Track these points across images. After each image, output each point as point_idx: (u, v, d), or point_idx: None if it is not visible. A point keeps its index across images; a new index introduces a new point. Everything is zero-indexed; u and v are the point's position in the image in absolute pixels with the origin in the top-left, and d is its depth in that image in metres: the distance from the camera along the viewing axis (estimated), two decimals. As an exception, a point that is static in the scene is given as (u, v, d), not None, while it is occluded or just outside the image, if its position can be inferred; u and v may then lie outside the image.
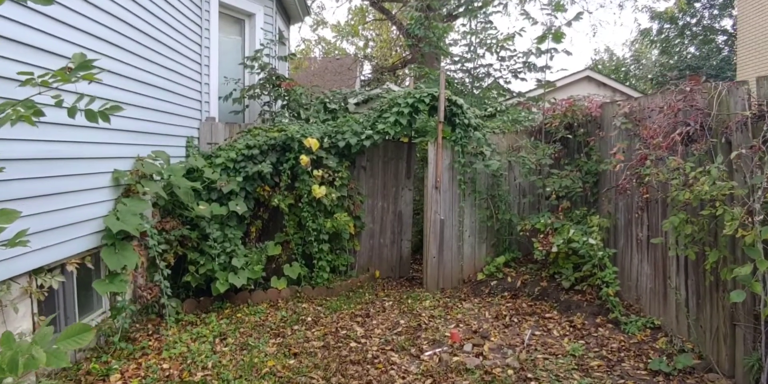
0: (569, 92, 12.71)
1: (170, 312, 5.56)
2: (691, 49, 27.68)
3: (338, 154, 6.75)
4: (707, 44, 26.13)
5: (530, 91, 10.11)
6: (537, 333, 5.25)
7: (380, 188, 7.45)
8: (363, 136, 6.53)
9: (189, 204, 5.74)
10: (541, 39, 6.54)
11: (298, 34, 49.97)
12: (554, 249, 5.87)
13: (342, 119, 7.02)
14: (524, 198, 7.11)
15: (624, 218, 5.79)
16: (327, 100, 7.84)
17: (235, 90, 7.82)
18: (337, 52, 23.76)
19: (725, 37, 25.89)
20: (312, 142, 6.26)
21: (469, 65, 9.79)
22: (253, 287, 6.35)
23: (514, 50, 9.64)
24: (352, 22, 21.28)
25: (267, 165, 6.25)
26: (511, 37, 9.47)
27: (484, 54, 9.72)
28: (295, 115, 7.73)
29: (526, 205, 7.20)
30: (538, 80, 6.48)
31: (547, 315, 5.73)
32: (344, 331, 5.32)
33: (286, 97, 7.75)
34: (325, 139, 6.60)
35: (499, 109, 8.37)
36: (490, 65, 9.66)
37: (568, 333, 5.26)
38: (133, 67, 5.38)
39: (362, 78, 21.51)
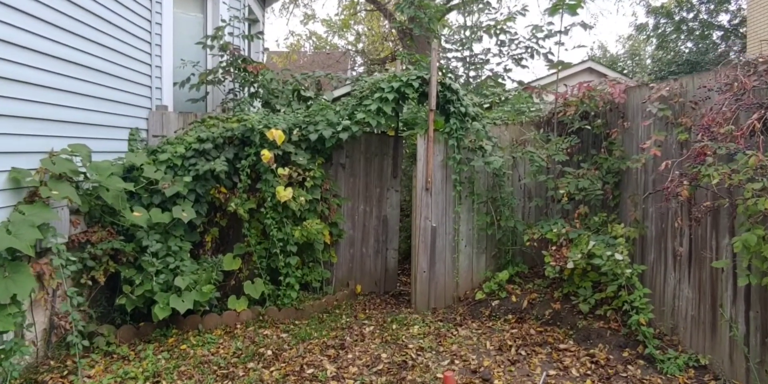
0: (569, 84, 11.74)
1: (91, 345, 4.48)
2: (689, 44, 26.83)
3: (310, 148, 5.65)
4: (704, 39, 25.30)
5: (535, 80, 9.03)
6: (552, 372, 4.20)
7: (362, 189, 6.37)
8: (339, 128, 5.44)
9: (121, 210, 4.64)
10: (554, 9, 5.47)
11: (287, 27, 48.71)
12: (570, 265, 4.81)
13: (315, 107, 5.92)
14: (531, 202, 6.04)
15: (656, 227, 4.74)
16: (301, 88, 6.75)
17: (193, 75, 6.71)
18: (328, 47, 22.74)
19: (722, 33, 25.05)
20: (276, 134, 5.16)
21: (466, 53, 8.73)
22: (208, 308, 5.27)
23: (515, 34, 8.62)
24: (342, 16, 20.22)
25: (221, 162, 5.15)
26: (512, 18, 8.42)
27: (481, 38, 8.66)
28: (265, 103, 6.64)
29: (533, 209, 6.14)
30: (549, 60, 5.41)
31: (562, 346, 4.68)
32: (311, 370, 4.24)
33: (254, 84, 6.65)
34: (295, 131, 5.50)
35: (497, 99, 7.29)
36: (488, 50, 8.61)
37: (590, 372, 4.21)
38: (51, 40, 4.29)
39: (353, 73, 20.49)
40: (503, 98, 7.80)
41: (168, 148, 5.31)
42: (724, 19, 25.33)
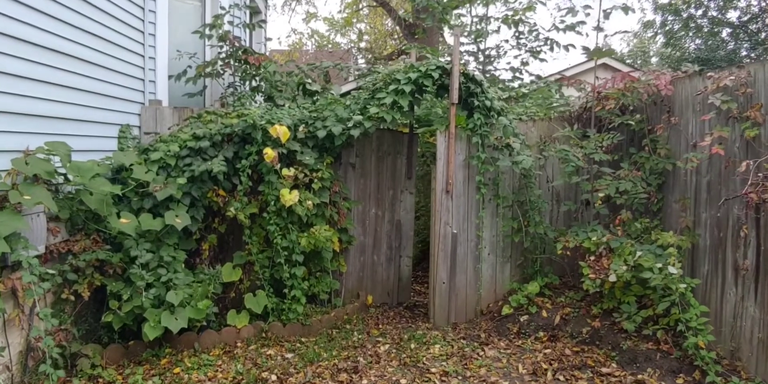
0: (582, 80, 11.24)
1: (74, 368, 3.95)
2: (697, 41, 26.30)
3: (317, 147, 5.12)
4: (713, 36, 24.77)
5: (550, 76, 8.48)
6: (598, 404, 3.66)
7: (373, 191, 5.83)
8: (350, 124, 4.90)
9: (106, 216, 4.11)
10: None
11: (289, 25, 48.23)
12: (612, 278, 4.26)
13: (323, 101, 5.38)
14: (560, 205, 5.48)
15: (711, 236, 4.20)
16: (307, 81, 6.20)
17: (190, 67, 6.17)
18: (330, 45, 22.27)
19: (730, 30, 24.51)
20: (281, 131, 4.62)
21: (481, 46, 8.19)
22: (206, 323, 4.73)
23: (534, 24, 8.10)
24: (345, 14, 19.73)
25: (219, 162, 4.61)
26: (531, 7, 7.89)
27: (499, 28, 8.14)
28: (268, 98, 6.10)
29: (561, 214, 5.59)
30: (585, 48, 4.87)
31: (604, 370, 4.13)
32: (321, 400, 3.71)
33: (256, 77, 6.11)
34: (301, 128, 4.96)
35: (521, 92, 6.75)
36: (506, 41, 8.09)
37: (642, 403, 3.67)
38: (25, 24, 3.77)
39: (356, 72, 19.97)
40: (521, 93, 7.25)
41: (161, 147, 4.77)
42: (733, 16, 24.79)
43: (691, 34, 25.98)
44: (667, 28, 26.63)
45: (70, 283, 4.12)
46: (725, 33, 24.79)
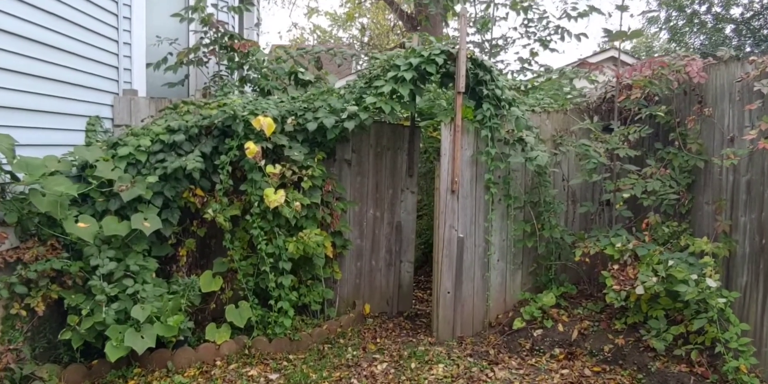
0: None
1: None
2: (702, 37, 25.78)
3: (308, 141, 4.59)
4: (717, 32, 24.24)
5: (576, 61, 7.96)
6: (628, 439, 3.15)
7: (371, 190, 5.32)
8: (344, 115, 4.37)
9: (61, 220, 3.59)
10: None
11: (290, 19, 47.59)
12: (639, 290, 3.75)
13: (315, 91, 4.86)
14: (579, 207, 4.95)
15: (750, 242, 3.68)
16: (299, 70, 5.67)
17: (170, 54, 5.66)
18: (332, 40, 21.82)
19: (734, 26, 23.97)
20: (265, 123, 4.10)
21: (485, 36, 7.68)
22: (183, 338, 4.22)
23: (545, 12, 7.59)
24: (347, 8, 19.23)
25: (194, 158, 4.08)
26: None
27: (507, 15, 7.62)
28: (258, 89, 5.58)
29: (578, 216, 5.07)
30: (607, 31, 4.34)
31: (631, 395, 3.63)
32: (307, 433, 3.21)
33: (243, 65, 5.59)
34: (289, 120, 4.44)
35: (533, 83, 6.23)
36: (515, 29, 7.57)
37: (678, 438, 3.16)
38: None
39: (358, 67, 19.58)
40: (533, 83, 6.72)
41: (131, 141, 4.25)
42: (736, 12, 24.34)
43: (695, 30, 25.45)
44: (672, 23, 26.10)
45: (21, 297, 3.61)
46: (729, 29, 24.29)
